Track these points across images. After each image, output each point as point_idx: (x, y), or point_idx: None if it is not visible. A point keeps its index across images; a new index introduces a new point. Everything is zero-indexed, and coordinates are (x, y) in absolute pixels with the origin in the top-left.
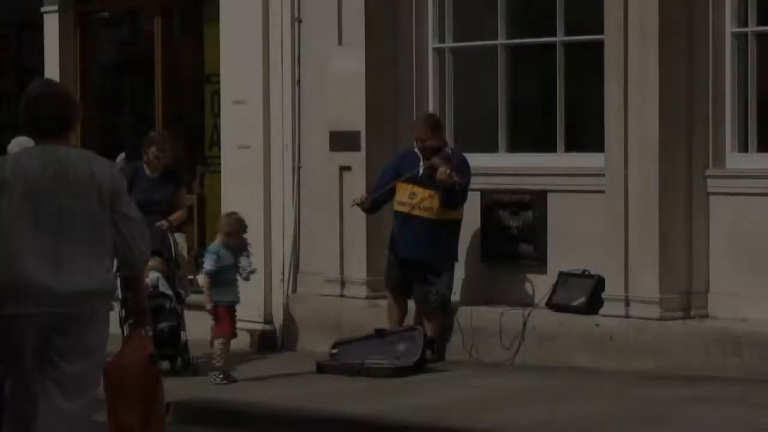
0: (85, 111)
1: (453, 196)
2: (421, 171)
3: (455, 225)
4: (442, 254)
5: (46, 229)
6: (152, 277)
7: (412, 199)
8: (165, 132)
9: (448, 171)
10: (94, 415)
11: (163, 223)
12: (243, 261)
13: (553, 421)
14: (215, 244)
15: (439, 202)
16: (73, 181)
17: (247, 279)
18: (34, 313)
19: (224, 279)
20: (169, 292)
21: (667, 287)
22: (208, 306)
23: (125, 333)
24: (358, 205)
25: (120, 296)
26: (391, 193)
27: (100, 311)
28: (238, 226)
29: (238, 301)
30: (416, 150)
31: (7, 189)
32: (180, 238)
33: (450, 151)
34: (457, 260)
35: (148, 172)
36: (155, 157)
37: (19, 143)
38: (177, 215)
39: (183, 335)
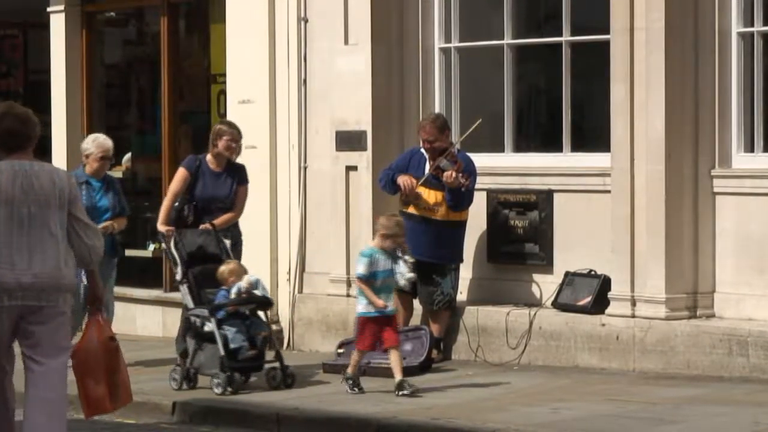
0: (90, 110)
1: (459, 198)
2: (426, 172)
3: (461, 226)
4: (448, 255)
5: (20, 232)
6: (251, 280)
7: (418, 199)
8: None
9: (454, 174)
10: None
11: (207, 226)
12: (401, 266)
13: (559, 421)
14: (370, 246)
15: (444, 204)
16: (38, 191)
17: (405, 288)
18: (8, 306)
19: (379, 285)
20: (268, 295)
21: (673, 287)
22: (378, 306)
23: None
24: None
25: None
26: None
27: (66, 304)
28: (399, 229)
29: (394, 311)
30: (422, 150)
31: None
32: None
33: (457, 152)
34: (462, 261)
35: (212, 166)
36: (227, 147)
37: (96, 140)
38: (224, 218)
39: (276, 344)
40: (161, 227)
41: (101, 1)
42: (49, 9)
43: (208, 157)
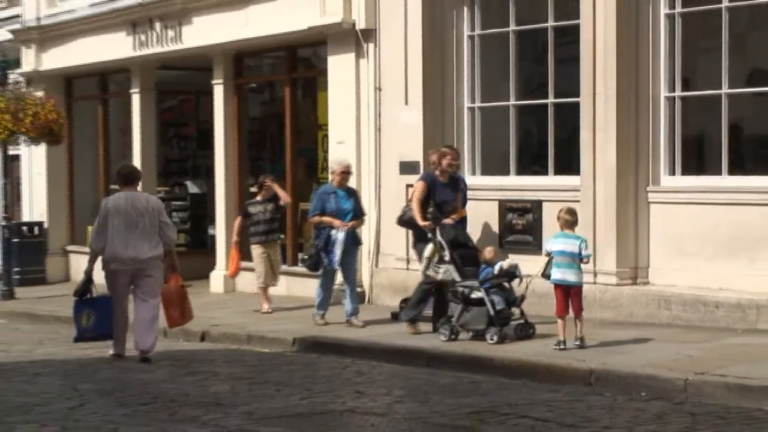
0: (239, 147)
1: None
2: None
3: (463, 220)
4: None
5: (132, 230)
6: (511, 263)
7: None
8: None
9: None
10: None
11: (447, 221)
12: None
13: (547, 351)
14: (565, 231)
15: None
16: (140, 208)
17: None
18: (124, 270)
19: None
20: (519, 274)
21: (622, 264)
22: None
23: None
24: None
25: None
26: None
27: (157, 267)
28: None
29: (574, 283)
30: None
31: (111, 213)
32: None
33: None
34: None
35: (441, 179)
36: (450, 164)
37: (338, 159)
38: (456, 216)
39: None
40: (424, 223)
41: (246, 76)
42: (213, 81)
43: (436, 172)
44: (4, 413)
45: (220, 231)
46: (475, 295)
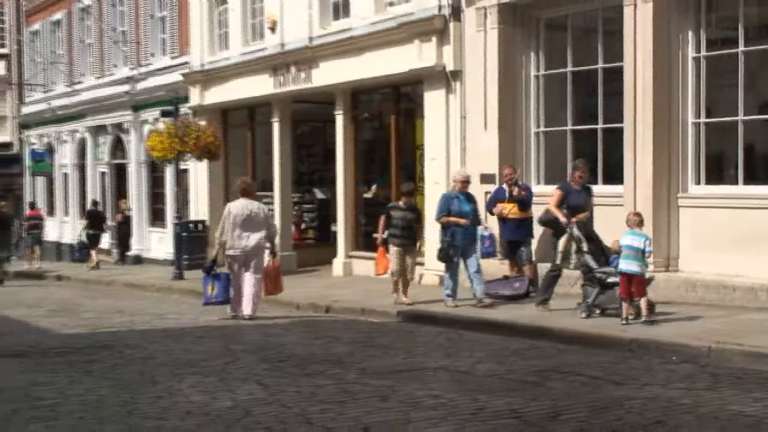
0: (356, 163)
1: (524, 203)
2: (507, 195)
3: (529, 220)
4: (524, 235)
5: (246, 227)
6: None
7: (505, 210)
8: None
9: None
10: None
11: (575, 220)
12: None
13: (589, 324)
14: (634, 230)
15: (518, 210)
16: (253, 212)
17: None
18: (240, 255)
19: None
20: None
21: (657, 255)
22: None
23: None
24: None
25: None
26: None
27: (263, 253)
28: (640, 217)
29: (635, 272)
30: (504, 186)
31: (233, 215)
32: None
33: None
34: (533, 237)
35: (575, 186)
36: (580, 176)
37: (457, 169)
38: (583, 215)
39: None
40: (565, 219)
41: (360, 108)
42: (335, 112)
43: (571, 182)
44: (175, 366)
45: (340, 228)
46: (611, 279)
